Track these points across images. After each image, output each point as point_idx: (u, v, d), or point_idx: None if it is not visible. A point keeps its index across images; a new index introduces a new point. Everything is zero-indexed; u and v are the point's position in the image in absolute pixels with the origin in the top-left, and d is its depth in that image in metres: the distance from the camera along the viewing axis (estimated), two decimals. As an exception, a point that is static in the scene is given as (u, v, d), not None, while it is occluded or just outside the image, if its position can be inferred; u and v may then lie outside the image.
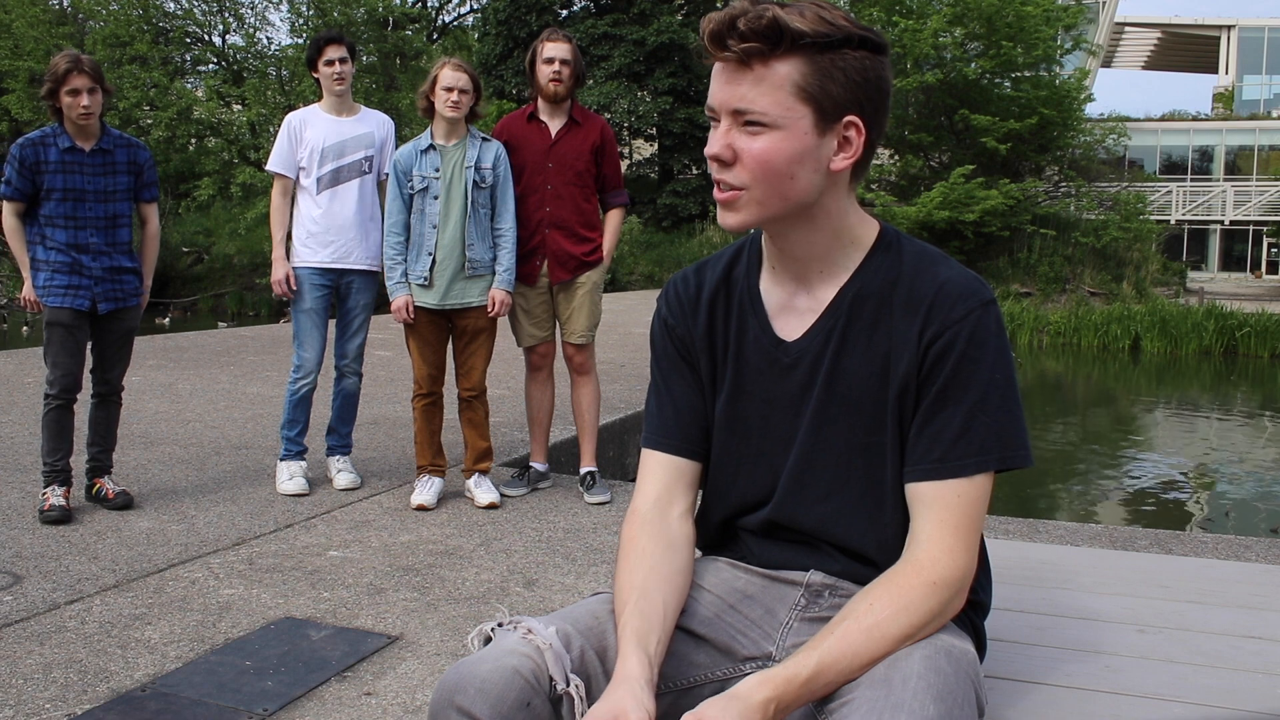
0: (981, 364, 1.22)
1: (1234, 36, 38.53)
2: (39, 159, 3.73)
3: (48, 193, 3.75)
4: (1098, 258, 20.87)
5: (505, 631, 1.21)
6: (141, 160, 3.93)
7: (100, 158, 3.81)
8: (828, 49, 1.17)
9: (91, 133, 3.79)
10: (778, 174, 1.20)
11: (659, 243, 24.76)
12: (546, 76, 4.05)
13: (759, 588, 1.37)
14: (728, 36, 1.16)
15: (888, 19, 20.52)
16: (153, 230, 4.08)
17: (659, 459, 1.39)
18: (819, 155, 1.21)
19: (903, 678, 1.11)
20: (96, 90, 3.71)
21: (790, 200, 1.22)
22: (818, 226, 1.27)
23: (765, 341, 1.34)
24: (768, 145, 1.19)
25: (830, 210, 1.26)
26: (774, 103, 1.17)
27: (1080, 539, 3.91)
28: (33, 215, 3.80)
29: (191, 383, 7.17)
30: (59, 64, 3.69)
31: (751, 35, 1.15)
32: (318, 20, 26.91)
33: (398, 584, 3.25)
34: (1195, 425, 10.94)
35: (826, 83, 1.17)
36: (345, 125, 4.30)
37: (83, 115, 3.70)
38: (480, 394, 4.15)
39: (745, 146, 1.19)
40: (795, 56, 1.16)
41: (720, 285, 1.39)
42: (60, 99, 3.69)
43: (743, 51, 1.16)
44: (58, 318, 3.80)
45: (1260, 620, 1.62)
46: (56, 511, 3.78)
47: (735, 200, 1.23)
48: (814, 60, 1.17)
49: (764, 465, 1.35)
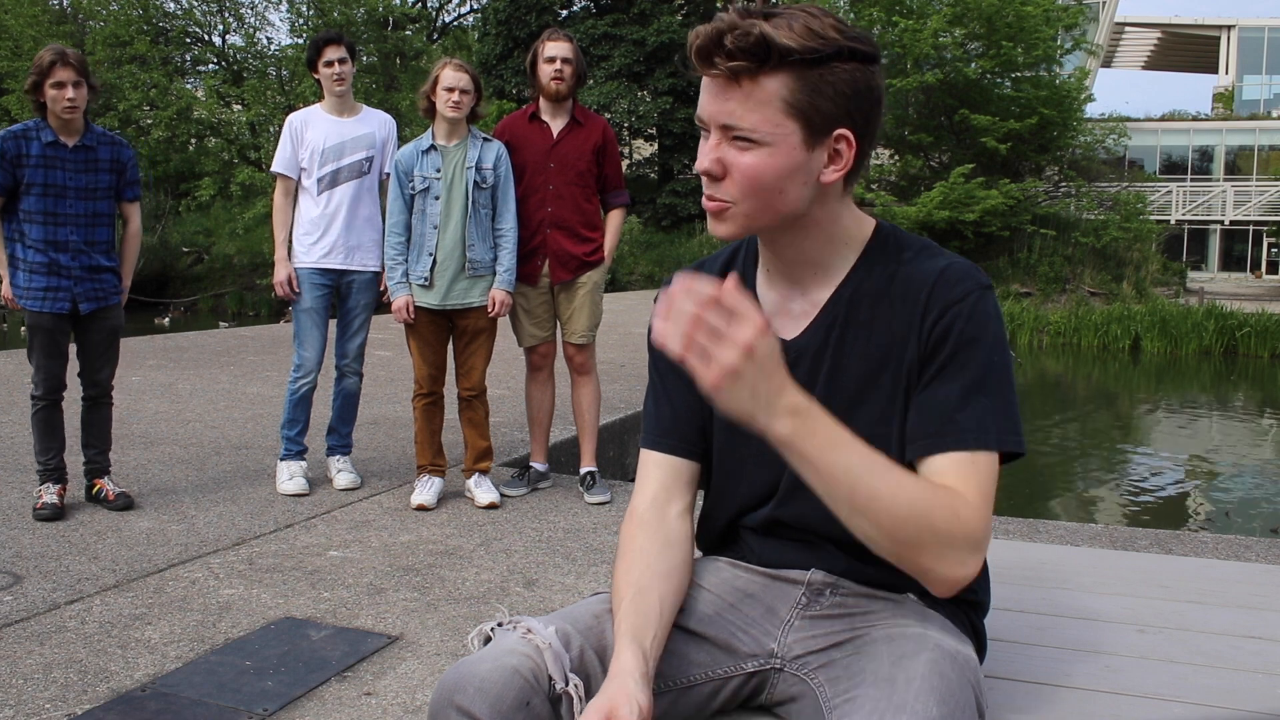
0: (980, 345, 1.21)
1: (1234, 36, 38.52)
2: (20, 152, 3.67)
3: (27, 187, 3.69)
4: (1098, 258, 20.87)
5: (505, 631, 1.21)
6: (124, 158, 3.89)
7: (83, 154, 3.76)
8: (816, 64, 1.15)
9: (75, 128, 3.75)
10: (766, 189, 1.19)
11: (659, 243, 24.76)
12: (548, 75, 4.05)
13: (760, 586, 1.37)
14: (714, 53, 1.14)
15: (888, 19, 20.50)
16: (134, 230, 4.05)
17: (657, 459, 1.39)
18: (808, 169, 1.20)
19: (907, 678, 1.11)
20: (81, 84, 3.67)
21: (779, 213, 1.22)
22: (809, 234, 1.27)
23: None
24: (756, 161, 1.18)
25: (821, 219, 1.26)
26: (762, 119, 1.16)
27: (1080, 539, 3.91)
28: (11, 211, 3.75)
29: (191, 383, 7.17)
30: (44, 56, 3.65)
31: (739, 53, 1.13)
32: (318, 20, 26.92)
33: (398, 584, 3.25)
34: (1195, 425, 10.94)
35: (815, 98, 1.16)
36: (346, 126, 4.30)
37: (67, 109, 3.65)
38: (480, 394, 4.15)
39: (734, 161, 1.19)
40: (783, 72, 1.15)
41: None
42: (44, 92, 3.65)
43: (729, 70, 1.14)
44: (39, 322, 3.77)
45: (1260, 620, 1.62)
46: (49, 510, 3.79)
47: (724, 212, 1.22)
48: (803, 76, 1.15)
49: (766, 465, 1.34)
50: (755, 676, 1.32)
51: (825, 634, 1.30)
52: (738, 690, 1.32)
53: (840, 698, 1.17)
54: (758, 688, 1.33)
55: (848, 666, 1.23)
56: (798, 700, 1.28)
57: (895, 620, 1.27)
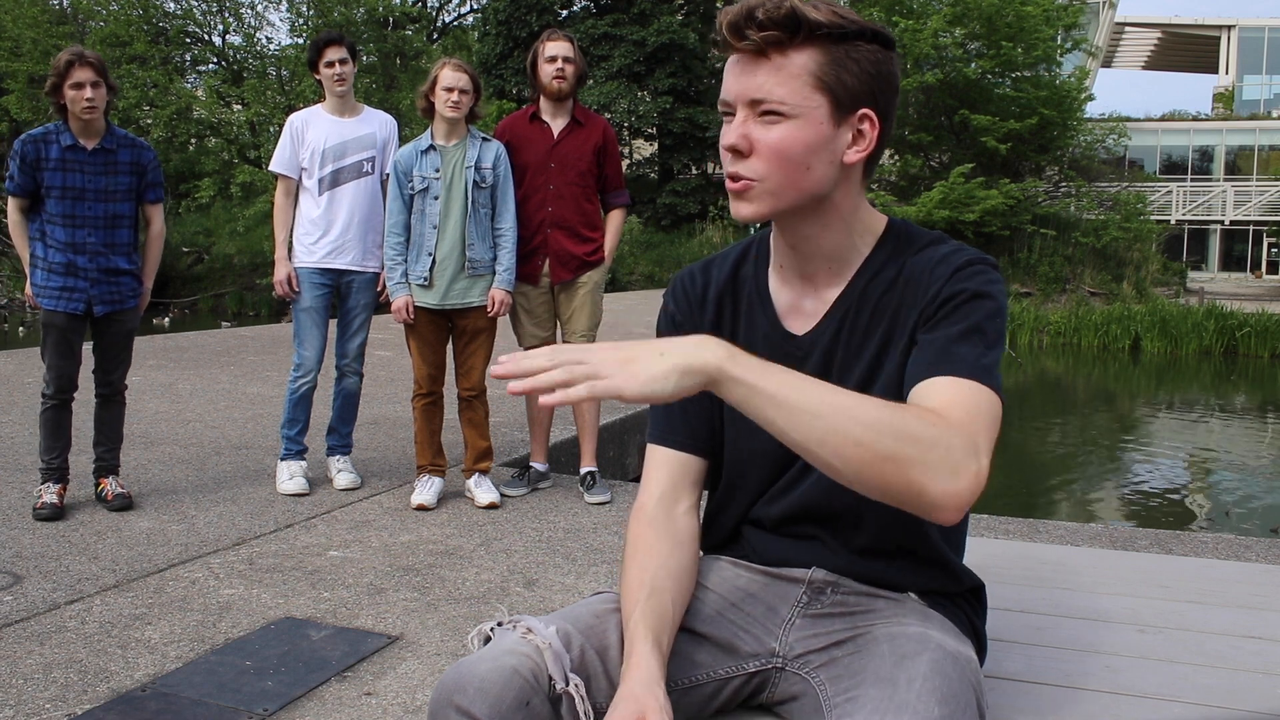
0: (982, 300, 1.21)
1: (1234, 36, 38.53)
2: (39, 155, 3.71)
3: (47, 190, 3.74)
4: (1098, 258, 20.88)
5: (504, 631, 1.21)
6: (145, 161, 3.91)
7: (102, 157, 3.79)
8: (843, 40, 1.19)
9: (95, 130, 3.78)
10: (794, 164, 1.20)
11: (659, 242, 24.75)
12: (550, 75, 4.05)
13: (761, 586, 1.37)
14: (746, 26, 1.18)
15: (887, 19, 20.50)
16: (157, 231, 4.07)
17: (665, 454, 1.39)
18: (834, 147, 1.22)
19: (909, 678, 1.11)
20: (100, 84, 3.69)
21: (804, 192, 1.23)
22: (829, 222, 1.27)
23: (776, 337, 1.34)
24: (784, 134, 1.19)
25: (842, 206, 1.27)
26: (791, 91, 1.18)
27: (1080, 539, 3.91)
28: (36, 212, 3.80)
29: (191, 383, 7.17)
30: (62, 58, 3.67)
31: (770, 24, 1.16)
32: (318, 20, 26.90)
33: (398, 584, 3.25)
34: (1195, 425, 10.94)
35: (842, 73, 1.19)
36: (347, 126, 4.30)
37: (87, 109, 3.67)
38: (480, 394, 4.15)
39: (761, 137, 1.20)
40: (812, 46, 1.18)
41: (728, 283, 1.40)
42: (64, 94, 3.67)
43: (761, 40, 1.17)
44: (53, 320, 3.81)
45: (1260, 620, 1.62)
46: (48, 509, 3.79)
47: (749, 191, 1.23)
48: (830, 50, 1.18)
49: (779, 460, 1.34)
50: (757, 676, 1.32)
51: (826, 633, 1.30)
52: (739, 690, 1.32)
53: (841, 697, 1.17)
54: (759, 687, 1.33)
55: (849, 665, 1.23)
56: (799, 699, 1.28)
57: (896, 620, 1.27)
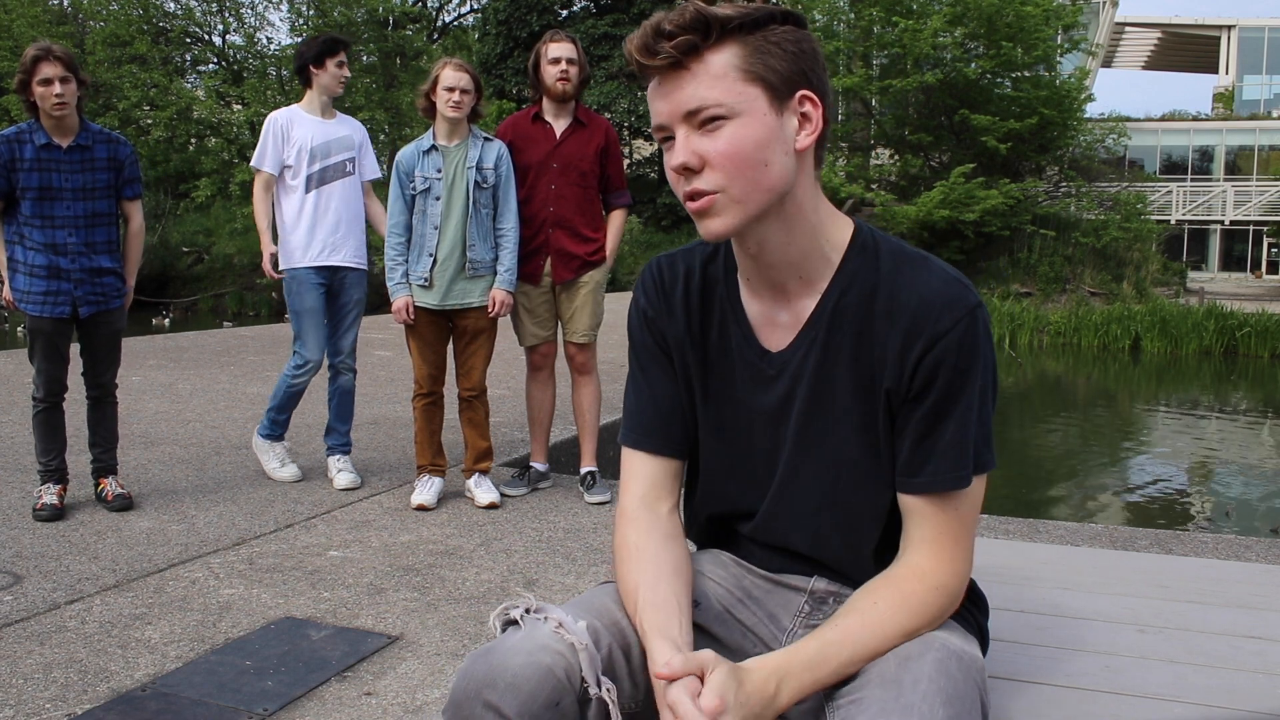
0: (972, 374, 1.21)
1: (1234, 36, 38.51)
2: (13, 156, 3.61)
3: (23, 191, 3.64)
4: (1098, 258, 20.86)
5: (534, 621, 1.17)
6: (122, 156, 3.82)
7: (78, 154, 3.70)
8: (756, 29, 1.16)
9: (69, 127, 3.68)
10: (752, 164, 1.17)
11: (659, 242, 24.75)
12: (554, 76, 4.05)
13: (763, 590, 1.37)
14: (656, 42, 1.15)
15: (887, 19, 20.51)
16: (136, 228, 3.97)
17: (642, 459, 1.37)
18: (784, 136, 1.18)
19: (913, 679, 1.11)
20: (70, 80, 3.59)
21: (771, 190, 1.19)
22: (794, 225, 1.23)
23: (750, 353, 1.31)
24: (732, 135, 1.16)
25: (804, 203, 1.23)
26: (724, 90, 1.15)
27: (1080, 539, 3.91)
28: (11, 214, 3.71)
29: (191, 383, 7.17)
30: (28, 54, 3.57)
31: (680, 31, 1.14)
32: (318, 20, 26.88)
33: (398, 584, 3.25)
34: (1195, 425, 10.94)
35: (767, 59, 1.16)
36: (330, 127, 4.37)
37: (56, 105, 3.58)
38: (480, 394, 4.15)
39: (710, 147, 1.16)
40: (728, 43, 1.16)
41: (699, 284, 1.35)
42: (33, 91, 3.57)
43: (675, 48, 1.14)
44: (39, 326, 3.75)
45: (1260, 620, 1.62)
46: (48, 510, 3.79)
47: (713, 205, 1.18)
48: (747, 42, 1.16)
49: (752, 475, 1.34)
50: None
51: None
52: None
53: (845, 698, 1.16)
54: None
55: (852, 667, 1.24)
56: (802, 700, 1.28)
57: None
